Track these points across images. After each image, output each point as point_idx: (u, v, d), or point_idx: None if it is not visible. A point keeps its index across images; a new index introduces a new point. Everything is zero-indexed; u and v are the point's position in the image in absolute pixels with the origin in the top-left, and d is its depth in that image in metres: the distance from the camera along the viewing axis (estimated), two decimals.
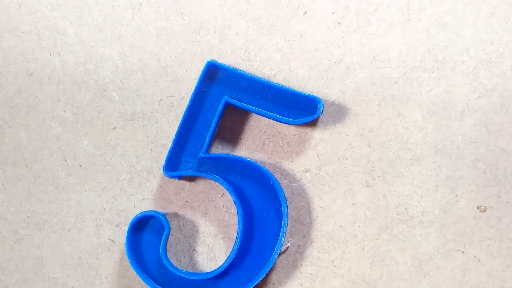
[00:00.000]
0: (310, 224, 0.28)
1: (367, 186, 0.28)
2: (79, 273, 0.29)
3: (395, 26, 0.28)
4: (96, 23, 0.29)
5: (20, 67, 0.29)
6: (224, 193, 0.29)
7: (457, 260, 0.27)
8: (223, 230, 0.29)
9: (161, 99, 0.29)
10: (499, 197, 0.27)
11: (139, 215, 0.27)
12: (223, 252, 0.29)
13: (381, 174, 0.28)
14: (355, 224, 0.28)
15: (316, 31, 0.29)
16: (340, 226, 0.28)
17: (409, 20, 0.28)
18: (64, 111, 0.29)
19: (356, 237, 0.28)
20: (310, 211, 0.28)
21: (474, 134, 0.28)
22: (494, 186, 0.28)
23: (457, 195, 0.28)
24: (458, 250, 0.27)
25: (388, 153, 0.28)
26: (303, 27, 0.29)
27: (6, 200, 0.29)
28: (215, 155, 0.27)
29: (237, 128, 0.29)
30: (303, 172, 0.28)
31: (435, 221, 0.28)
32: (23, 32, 0.30)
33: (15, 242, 0.29)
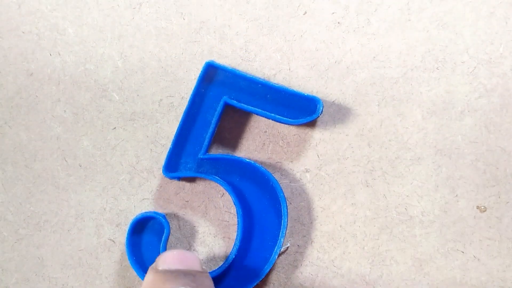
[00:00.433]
0: (310, 224, 0.28)
1: (367, 186, 0.28)
2: (79, 273, 0.29)
3: (395, 26, 0.28)
4: (96, 23, 0.29)
5: (20, 67, 0.29)
6: (224, 193, 0.29)
7: (457, 260, 0.27)
8: (223, 230, 0.29)
9: (161, 99, 0.29)
10: (499, 197, 0.27)
11: (139, 216, 0.27)
12: (223, 252, 0.29)
13: (381, 174, 0.28)
14: (355, 224, 0.28)
15: (316, 31, 0.29)
16: (340, 226, 0.28)
17: (409, 20, 0.28)
18: (64, 111, 0.29)
19: (356, 237, 0.28)
20: (310, 211, 0.28)
21: (474, 134, 0.28)
22: (494, 186, 0.28)
23: (457, 195, 0.28)
24: (458, 250, 0.27)
25: (388, 153, 0.28)
26: (303, 27, 0.29)
27: (6, 200, 0.29)
28: (214, 156, 0.27)
29: (236, 129, 0.29)
30: (303, 172, 0.28)
31: (435, 221, 0.28)
32: (23, 32, 0.30)
33: (15, 242, 0.29)
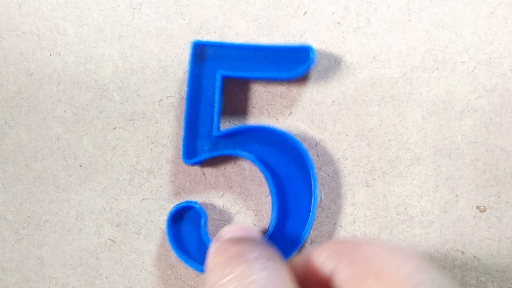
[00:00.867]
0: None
1: (367, 186, 0.28)
2: (79, 273, 0.29)
3: (395, 26, 0.28)
4: (96, 23, 0.29)
5: (20, 67, 0.29)
6: (224, 193, 0.29)
7: (457, 260, 0.27)
8: None
9: (161, 99, 0.29)
10: (499, 197, 0.28)
11: (174, 208, 0.28)
12: None
13: (381, 174, 0.28)
14: (355, 224, 0.28)
15: (316, 31, 0.29)
16: (340, 226, 0.28)
17: (409, 20, 0.28)
18: (65, 111, 0.29)
19: (356, 237, 0.28)
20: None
21: (474, 134, 0.28)
22: (494, 186, 0.28)
23: (456, 195, 0.28)
24: (457, 250, 0.27)
25: (388, 153, 0.28)
26: (303, 27, 0.29)
27: (6, 200, 0.29)
28: (228, 130, 0.27)
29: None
30: None
31: (435, 221, 0.28)
32: (23, 32, 0.30)
33: (16, 242, 0.29)
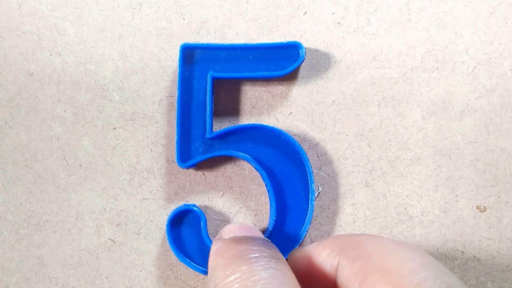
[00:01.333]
0: (310, 224, 0.28)
1: (367, 186, 0.28)
2: (79, 273, 0.29)
3: (395, 26, 0.28)
4: (96, 23, 0.29)
5: (20, 67, 0.29)
6: (224, 193, 0.29)
7: (457, 260, 0.27)
8: None
9: (161, 99, 0.29)
10: (499, 197, 0.28)
11: (173, 212, 0.28)
12: None
13: (381, 174, 0.28)
14: (355, 224, 0.28)
15: (316, 31, 0.29)
16: (340, 226, 0.28)
17: (409, 20, 0.28)
18: (65, 111, 0.29)
19: (358, 233, 0.28)
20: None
21: (474, 134, 0.28)
22: (494, 186, 0.28)
23: (456, 195, 0.28)
24: (457, 250, 0.27)
25: (388, 153, 0.28)
26: (303, 27, 0.29)
27: (6, 200, 0.29)
28: (221, 131, 0.28)
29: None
30: None
31: (434, 221, 0.28)
32: (23, 32, 0.30)
33: (16, 242, 0.29)
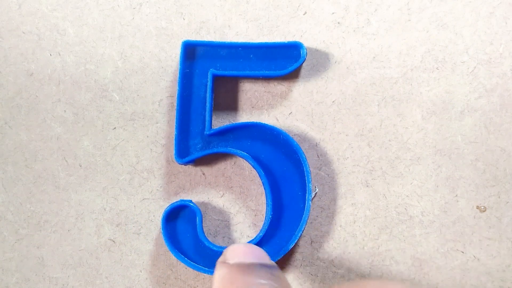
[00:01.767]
0: (310, 224, 0.28)
1: (367, 186, 0.28)
2: (79, 273, 0.29)
3: (395, 26, 0.28)
4: (96, 23, 0.29)
5: (20, 67, 0.29)
6: (224, 193, 0.29)
7: (457, 260, 0.27)
8: (223, 230, 0.29)
9: (161, 99, 0.29)
10: (499, 197, 0.28)
11: (169, 207, 0.28)
12: None
13: (381, 174, 0.28)
14: (355, 224, 0.28)
15: (316, 31, 0.29)
16: (340, 226, 0.28)
17: (409, 20, 0.28)
18: (65, 111, 0.29)
19: (356, 237, 0.28)
20: (310, 211, 0.28)
21: (474, 134, 0.28)
22: (494, 186, 0.28)
23: (456, 195, 0.28)
24: (457, 250, 0.27)
25: (388, 153, 0.28)
26: (303, 27, 0.29)
27: (6, 200, 0.29)
28: (219, 128, 0.28)
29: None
30: None
31: (434, 221, 0.28)
32: (23, 32, 0.30)
33: (16, 242, 0.29)
